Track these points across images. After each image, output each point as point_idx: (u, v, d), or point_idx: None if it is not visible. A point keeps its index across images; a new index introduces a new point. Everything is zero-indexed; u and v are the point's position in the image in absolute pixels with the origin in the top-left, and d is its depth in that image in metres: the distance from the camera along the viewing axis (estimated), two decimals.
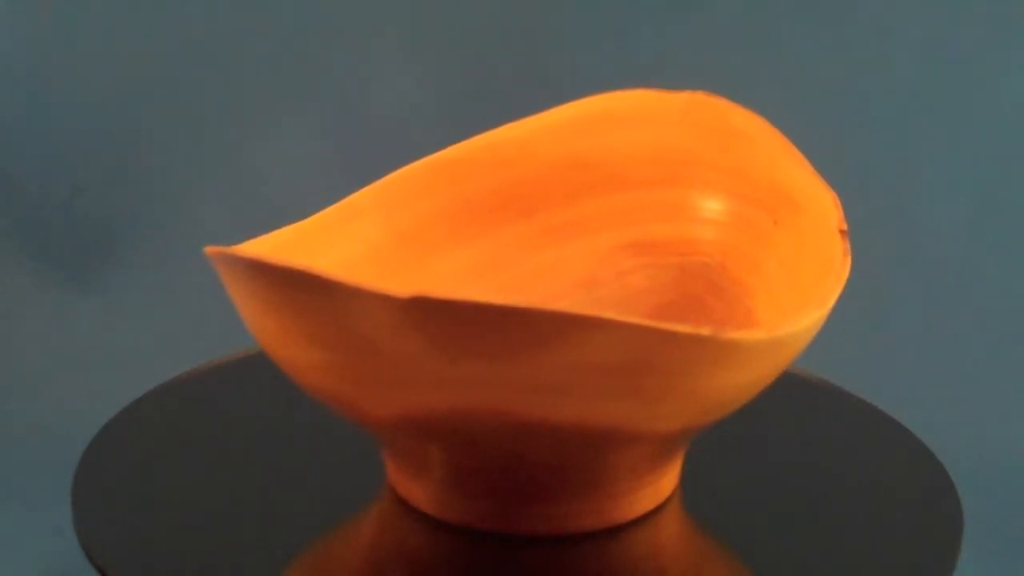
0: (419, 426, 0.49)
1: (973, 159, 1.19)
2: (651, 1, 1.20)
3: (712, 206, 0.63)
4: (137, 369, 0.82)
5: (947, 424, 0.88)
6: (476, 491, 0.53)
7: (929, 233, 1.18)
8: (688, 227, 0.63)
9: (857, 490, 0.60)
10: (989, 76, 1.19)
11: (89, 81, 1.22)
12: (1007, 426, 1.08)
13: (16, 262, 1.19)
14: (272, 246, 0.55)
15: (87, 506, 0.56)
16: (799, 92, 1.20)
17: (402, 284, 0.52)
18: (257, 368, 0.62)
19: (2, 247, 1.19)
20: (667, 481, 0.56)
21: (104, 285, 1.18)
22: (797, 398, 0.67)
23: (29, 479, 0.99)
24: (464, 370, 0.45)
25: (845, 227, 0.57)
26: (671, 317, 0.61)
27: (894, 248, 1.17)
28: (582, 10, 1.20)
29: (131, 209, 1.21)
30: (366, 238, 0.57)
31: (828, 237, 0.57)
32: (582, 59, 1.17)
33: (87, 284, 1.18)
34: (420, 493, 0.55)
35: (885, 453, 0.64)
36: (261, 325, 0.49)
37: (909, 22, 1.19)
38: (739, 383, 0.49)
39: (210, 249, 0.47)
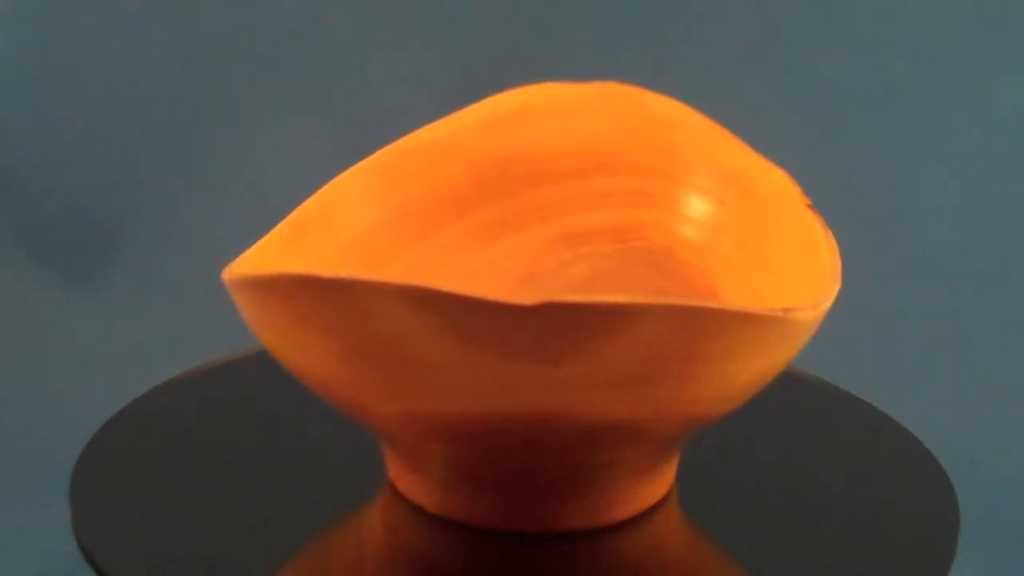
0: (453, 431, 0.49)
1: (973, 158, 1.19)
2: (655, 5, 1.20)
3: (647, 191, 0.63)
4: (137, 369, 0.82)
5: (945, 424, 0.89)
6: (482, 490, 0.53)
7: (928, 232, 1.18)
8: (623, 214, 0.63)
9: (854, 490, 0.60)
10: (989, 75, 1.19)
11: (89, 82, 1.22)
12: (1005, 427, 1.08)
13: (16, 262, 1.19)
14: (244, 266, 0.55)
15: (85, 506, 0.56)
16: (799, 93, 1.20)
17: None
18: (257, 368, 0.62)
19: (2, 247, 1.19)
20: (665, 479, 0.57)
21: (104, 285, 1.18)
22: (795, 397, 0.67)
23: (29, 479, 0.99)
24: (560, 373, 0.45)
25: (810, 201, 0.57)
26: None
27: (893, 247, 1.18)
28: (581, 8, 1.20)
29: (131, 209, 1.21)
30: (317, 252, 0.57)
31: (794, 214, 0.58)
32: (581, 55, 1.17)
33: (87, 284, 1.19)
34: (423, 491, 0.55)
35: (882, 452, 0.64)
36: (302, 344, 0.48)
37: (909, 22, 1.19)
38: (781, 362, 0.50)
39: (267, 274, 0.47)
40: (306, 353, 0.49)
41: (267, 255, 0.54)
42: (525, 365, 0.45)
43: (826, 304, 0.50)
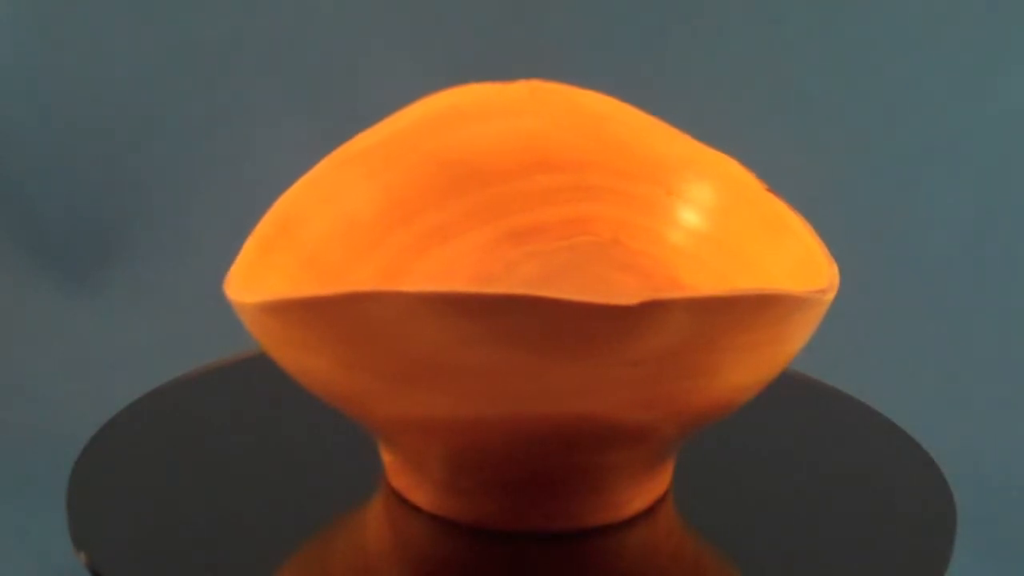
0: (467, 435, 0.49)
1: (973, 160, 1.19)
2: (650, 3, 1.20)
3: (588, 185, 0.63)
4: (137, 369, 0.82)
5: (942, 425, 0.89)
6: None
7: (926, 234, 1.18)
8: (567, 209, 0.63)
9: (850, 490, 0.60)
10: (990, 78, 1.19)
11: (89, 82, 1.22)
12: (1003, 427, 1.08)
13: (16, 262, 1.19)
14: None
15: (83, 507, 0.56)
16: (799, 95, 1.20)
17: None
18: (257, 369, 0.62)
19: (2, 247, 1.19)
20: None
21: (104, 285, 1.19)
22: (792, 398, 0.67)
23: (28, 479, 0.99)
24: (638, 372, 0.46)
25: (768, 185, 0.58)
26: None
27: (891, 249, 1.18)
28: (583, 11, 1.20)
29: (131, 209, 1.21)
30: (283, 270, 0.56)
31: (753, 199, 0.58)
32: (582, 57, 1.17)
33: (87, 284, 1.19)
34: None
35: (879, 453, 0.64)
36: (340, 361, 0.48)
37: (910, 24, 1.19)
38: (799, 347, 0.51)
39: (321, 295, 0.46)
40: (337, 369, 0.48)
41: (250, 276, 0.54)
42: (605, 366, 0.45)
43: (836, 284, 0.51)
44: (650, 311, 0.44)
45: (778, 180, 0.61)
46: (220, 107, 1.22)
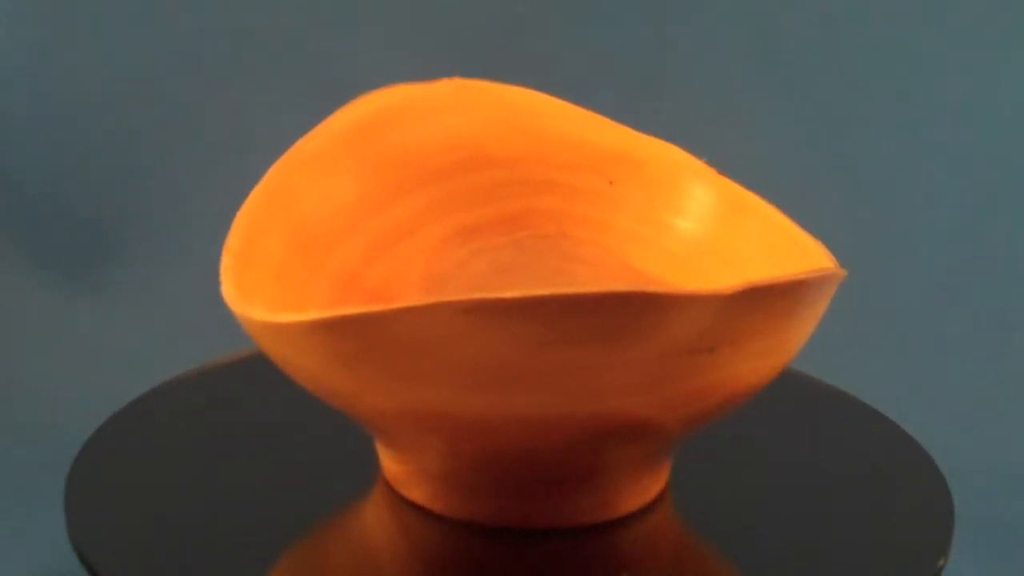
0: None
1: (973, 159, 1.19)
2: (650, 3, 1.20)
3: (526, 179, 0.63)
4: (137, 369, 0.82)
5: (941, 424, 0.89)
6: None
7: (925, 232, 1.18)
8: (508, 205, 0.63)
9: (849, 489, 0.60)
10: (989, 74, 1.19)
11: (88, 81, 1.22)
12: (1003, 427, 1.08)
13: (16, 262, 1.19)
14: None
15: (81, 507, 0.56)
16: (799, 94, 1.20)
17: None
18: (255, 368, 0.62)
19: (2, 247, 1.19)
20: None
21: (104, 285, 1.18)
22: (792, 398, 0.67)
23: (28, 479, 0.99)
24: (714, 358, 0.46)
25: (716, 169, 0.58)
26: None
27: (890, 247, 1.17)
28: (584, 10, 1.20)
29: (131, 209, 1.21)
30: (258, 287, 0.56)
31: (705, 183, 0.58)
32: (583, 57, 1.17)
33: (87, 284, 1.18)
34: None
35: (877, 452, 0.64)
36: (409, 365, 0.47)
37: (909, 22, 1.19)
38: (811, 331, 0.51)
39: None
40: (383, 382, 0.48)
41: (241, 292, 0.53)
42: (685, 354, 0.45)
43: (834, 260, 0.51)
44: (748, 297, 0.44)
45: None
46: (221, 107, 1.22)
